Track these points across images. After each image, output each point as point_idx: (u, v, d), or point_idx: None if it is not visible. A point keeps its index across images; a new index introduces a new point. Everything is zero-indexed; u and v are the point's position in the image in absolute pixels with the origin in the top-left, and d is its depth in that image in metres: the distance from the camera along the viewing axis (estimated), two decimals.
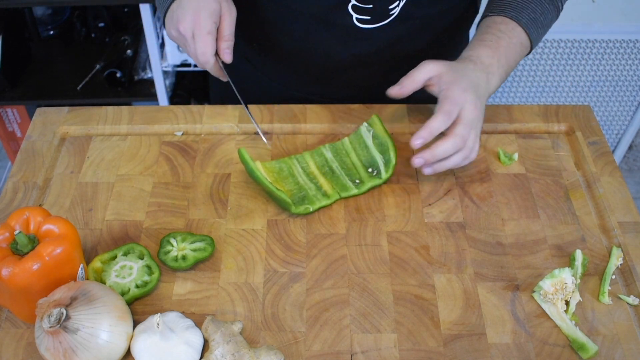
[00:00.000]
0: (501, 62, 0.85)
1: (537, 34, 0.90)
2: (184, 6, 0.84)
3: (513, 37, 0.87)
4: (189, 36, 0.84)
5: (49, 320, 0.62)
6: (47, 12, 2.05)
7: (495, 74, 0.85)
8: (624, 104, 1.99)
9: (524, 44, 0.88)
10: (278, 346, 0.70)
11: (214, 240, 0.78)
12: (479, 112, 0.82)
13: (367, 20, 0.91)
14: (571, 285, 0.74)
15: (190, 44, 0.85)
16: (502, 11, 0.89)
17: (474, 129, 0.81)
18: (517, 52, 0.87)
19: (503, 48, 0.86)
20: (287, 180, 0.86)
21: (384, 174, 0.86)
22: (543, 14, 0.89)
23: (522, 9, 0.88)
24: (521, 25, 0.88)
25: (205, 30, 0.84)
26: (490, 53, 0.85)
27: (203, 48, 0.84)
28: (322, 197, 0.84)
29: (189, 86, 2.08)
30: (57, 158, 0.90)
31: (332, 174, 0.87)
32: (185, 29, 0.84)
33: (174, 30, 0.86)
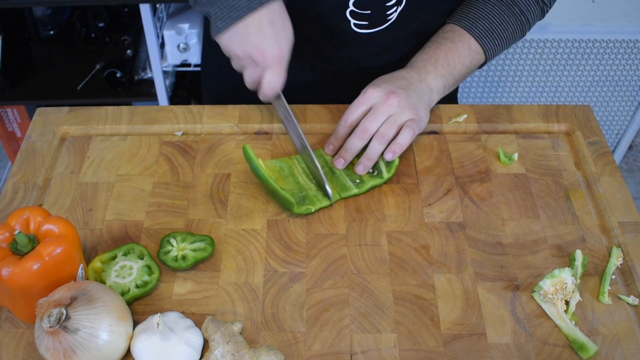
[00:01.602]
0: (438, 63, 0.89)
1: (493, 45, 0.92)
2: (265, 32, 0.79)
3: (457, 41, 0.90)
4: (262, 65, 0.81)
5: (49, 320, 0.62)
6: (47, 12, 2.05)
7: (431, 73, 0.88)
8: (624, 104, 1.99)
9: (472, 48, 0.91)
10: (278, 346, 0.70)
11: (214, 240, 0.78)
12: (397, 99, 0.83)
13: (364, 25, 0.92)
14: (571, 285, 0.74)
15: (257, 72, 0.82)
16: (457, 20, 0.93)
17: (387, 116, 0.83)
18: (462, 55, 0.90)
19: (442, 52, 0.90)
20: (288, 179, 0.86)
21: (385, 174, 0.86)
22: (501, 25, 0.92)
23: (477, 19, 0.92)
24: (473, 34, 0.91)
25: (285, 67, 0.82)
26: (425, 57, 0.90)
27: (277, 83, 0.82)
28: (323, 198, 0.84)
29: (189, 86, 2.07)
30: (57, 158, 0.90)
31: (332, 174, 0.87)
32: (264, 59, 0.80)
33: (243, 53, 0.80)
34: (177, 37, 1.78)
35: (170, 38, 1.78)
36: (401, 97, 0.83)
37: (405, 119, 0.84)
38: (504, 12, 0.92)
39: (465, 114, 0.95)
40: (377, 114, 0.83)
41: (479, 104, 0.98)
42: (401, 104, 0.83)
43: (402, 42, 0.97)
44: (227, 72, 1.06)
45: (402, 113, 0.83)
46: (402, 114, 0.83)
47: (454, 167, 0.89)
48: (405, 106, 0.83)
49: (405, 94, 0.84)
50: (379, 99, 0.84)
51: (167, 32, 1.78)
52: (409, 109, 0.84)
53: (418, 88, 0.86)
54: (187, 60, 1.84)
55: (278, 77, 0.82)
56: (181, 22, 1.79)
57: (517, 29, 0.93)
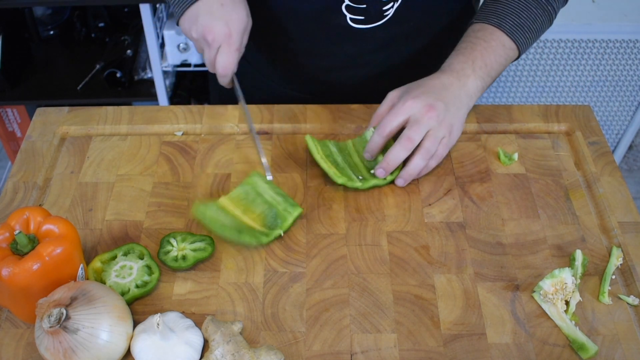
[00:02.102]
0: (477, 65, 0.87)
1: (525, 38, 0.90)
2: (213, 12, 0.82)
3: (491, 40, 0.88)
4: (214, 46, 0.83)
5: (49, 320, 0.62)
6: (47, 12, 2.05)
7: (470, 77, 0.86)
8: (624, 104, 1.99)
9: (506, 46, 0.89)
10: (278, 346, 0.70)
11: (214, 240, 0.78)
12: (436, 113, 0.81)
13: (361, 20, 0.92)
14: (571, 285, 0.74)
15: (211, 52, 0.84)
16: (486, 18, 0.91)
17: (427, 129, 0.82)
18: (498, 54, 0.88)
19: (478, 52, 0.87)
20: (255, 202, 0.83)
21: (388, 176, 0.86)
22: (530, 18, 0.90)
23: (506, 15, 0.90)
24: (504, 31, 0.89)
25: (235, 47, 0.83)
26: (462, 59, 0.87)
27: (227, 62, 0.84)
28: (292, 208, 0.82)
29: (189, 86, 2.08)
30: (57, 158, 0.90)
31: (337, 166, 0.86)
32: (214, 38, 0.82)
33: (196, 33, 0.84)
34: (177, 37, 1.78)
35: (170, 38, 1.78)
36: (440, 111, 0.82)
37: (442, 134, 0.83)
38: (530, 4, 0.90)
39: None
40: (419, 124, 0.81)
41: (479, 104, 0.98)
42: (439, 117, 0.82)
43: (400, 40, 0.97)
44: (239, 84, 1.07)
45: (440, 128, 0.82)
46: (440, 128, 0.82)
47: (454, 167, 0.89)
48: (443, 120, 0.82)
49: (444, 107, 0.82)
50: (419, 111, 0.82)
51: (167, 32, 1.78)
52: (446, 124, 0.83)
53: (457, 98, 0.85)
54: (187, 60, 1.84)
55: (228, 56, 0.83)
56: None
57: (545, 19, 0.92)
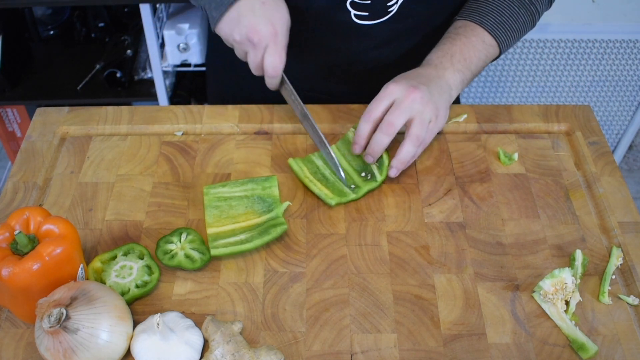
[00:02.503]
0: (455, 59, 0.88)
1: (506, 36, 0.91)
2: (256, 12, 0.80)
3: (471, 36, 0.90)
4: (261, 46, 0.82)
5: (49, 320, 0.62)
6: (47, 12, 2.05)
7: (448, 69, 0.87)
8: (624, 104, 1.99)
9: (486, 42, 0.90)
10: (278, 346, 0.70)
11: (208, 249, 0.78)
12: (420, 95, 0.81)
13: (365, 16, 0.92)
14: (571, 285, 0.74)
15: (257, 54, 0.83)
16: (468, 15, 0.92)
17: (410, 112, 0.82)
18: (477, 49, 0.89)
19: (457, 47, 0.88)
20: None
21: (378, 177, 0.86)
22: (512, 17, 0.91)
23: (487, 13, 0.91)
24: (485, 28, 0.90)
25: (282, 45, 0.82)
26: (440, 54, 0.89)
27: (276, 63, 0.83)
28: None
29: (189, 86, 2.07)
30: (57, 158, 0.90)
31: (327, 181, 0.86)
32: (260, 39, 0.81)
33: (239, 35, 0.82)
34: (177, 37, 1.78)
35: (170, 38, 1.78)
36: (423, 92, 0.82)
37: (429, 117, 0.83)
38: (513, 3, 0.91)
39: (465, 114, 0.95)
40: (401, 108, 0.81)
41: (479, 104, 0.98)
42: (424, 99, 0.82)
43: (404, 36, 0.97)
44: (231, 71, 1.06)
45: (425, 110, 0.82)
46: (425, 111, 0.82)
47: (454, 167, 0.89)
48: (427, 102, 0.82)
49: (427, 89, 0.83)
50: (401, 94, 0.82)
51: (167, 32, 1.78)
52: (431, 105, 0.82)
53: (438, 84, 0.85)
54: (187, 60, 1.84)
55: (277, 56, 0.82)
56: (181, 22, 1.79)
57: (527, 19, 0.93)
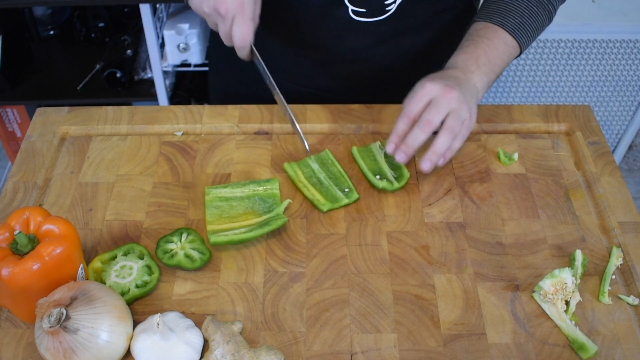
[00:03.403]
0: (480, 61, 0.88)
1: (526, 37, 0.91)
2: None
3: (494, 38, 0.89)
4: (228, 17, 0.83)
5: (49, 320, 0.62)
6: (47, 12, 2.05)
7: (475, 72, 0.87)
8: (624, 104, 1.99)
9: (508, 43, 0.90)
10: (278, 346, 0.70)
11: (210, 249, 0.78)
12: (456, 94, 0.81)
13: (363, 13, 0.92)
14: (571, 285, 0.74)
15: (226, 25, 0.84)
16: (488, 17, 0.92)
17: (448, 110, 0.81)
18: (501, 51, 0.89)
19: (482, 50, 0.88)
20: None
21: (395, 184, 0.86)
22: (531, 17, 0.91)
23: (507, 13, 0.91)
24: (506, 29, 0.90)
25: (249, 16, 0.83)
26: (465, 57, 0.88)
27: (244, 33, 0.83)
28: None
29: (189, 86, 2.08)
30: (57, 158, 0.90)
31: (321, 185, 0.86)
32: (227, 10, 0.82)
33: (208, 8, 0.83)
34: (177, 37, 1.78)
35: (170, 38, 1.78)
36: (459, 92, 0.82)
37: (464, 117, 0.82)
38: (532, 3, 0.91)
39: None
40: (438, 106, 0.81)
41: (479, 104, 0.98)
42: (460, 98, 0.82)
43: (401, 36, 0.97)
44: (233, 70, 1.06)
45: (461, 109, 0.82)
46: (461, 109, 0.82)
47: (454, 167, 0.89)
48: (463, 101, 0.82)
49: (461, 90, 0.83)
50: (439, 92, 0.82)
51: (167, 32, 1.78)
52: (466, 105, 0.82)
53: (468, 87, 0.85)
54: (187, 60, 1.84)
55: (244, 27, 0.83)
56: (181, 22, 1.79)
57: (545, 17, 0.93)
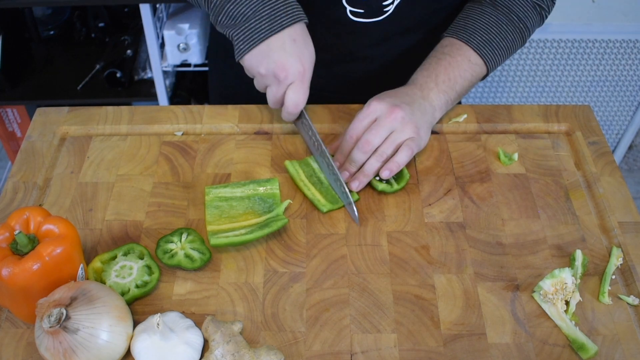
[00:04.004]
0: (439, 79, 0.88)
1: (493, 55, 0.91)
2: (287, 49, 0.80)
3: (456, 55, 0.89)
4: (286, 83, 0.81)
5: (49, 320, 0.62)
6: (47, 12, 2.05)
7: (433, 90, 0.87)
8: (624, 104, 1.99)
9: (472, 61, 0.90)
10: (278, 346, 0.70)
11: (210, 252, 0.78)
12: (401, 114, 0.82)
13: (360, 13, 0.92)
14: (571, 285, 0.74)
15: (280, 89, 0.82)
16: (455, 33, 0.92)
17: (390, 131, 0.82)
18: (462, 69, 0.89)
19: (442, 67, 0.89)
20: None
21: (395, 186, 0.86)
22: (500, 35, 0.91)
23: (475, 31, 0.90)
24: (471, 46, 0.90)
25: (307, 83, 0.82)
26: (425, 74, 0.89)
27: (300, 100, 0.82)
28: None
29: (189, 86, 2.08)
30: (57, 158, 0.90)
31: (321, 185, 0.86)
32: (287, 76, 0.80)
33: (266, 70, 0.81)
34: (177, 37, 1.78)
35: (170, 38, 1.78)
36: (405, 112, 0.82)
37: (406, 137, 0.83)
38: (501, 21, 0.91)
39: (465, 114, 0.95)
40: (379, 127, 0.82)
41: (479, 104, 0.98)
42: (405, 119, 0.82)
43: (399, 36, 0.98)
44: (233, 71, 1.07)
45: (403, 130, 0.82)
46: (403, 131, 0.82)
47: (454, 167, 0.89)
48: (408, 122, 0.82)
49: (410, 109, 0.83)
50: (383, 112, 0.82)
51: (167, 32, 1.78)
52: (411, 125, 0.83)
53: (421, 105, 0.85)
54: (187, 60, 1.84)
55: (301, 94, 0.82)
56: (181, 22, 1.79)
57: (516, 37, 0.93)
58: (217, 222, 0.80)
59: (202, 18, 1.82)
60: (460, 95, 0.91)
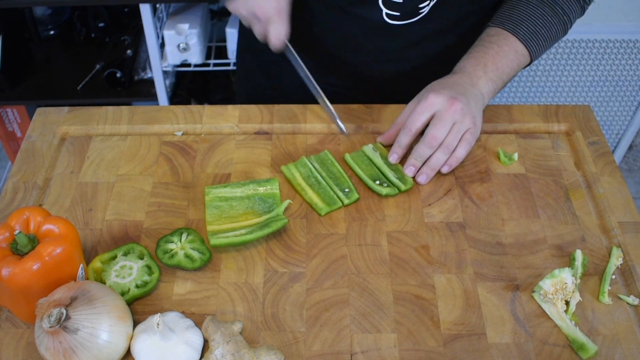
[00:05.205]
0: (488, 68, 0.88)
1: (538, 46, 0.92)
2: None
3: (504, 45, 0.90)
4: (265, 19, 0.88)
5: (49, 320, 0.62)
6: (47, 12, 2.05)
7: (482, 78, 0.88)
8: (624, 104, 1.99)
9: (518, 51, 0.90)
10: (278, 346, 0.70)
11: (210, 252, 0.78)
12: (460, 106, 0.83)
13: (396, 16, 0.92)
14: (571, 285, 0.74)
15: (262, 26, 0.89)
16: (501, 23, 0.92)
17: (452, 124, 0.84)
18: (509, 59, 0.90)
19: (490, 56, 0.89)
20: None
21: (402, 187, 0.85)
22: (545, 26, 0.91)
23: (521, 22, 0.91)
24: (518, 37, 0.90)
25: (285, 18, 0.88)
26: (473, 62, 0.89)
27: (279, 33, 0.88)
28: None
29: (189, 86, 2.08)
30: (57, 158, 0.90)
31: (319, 185, 0.86)
32: (264, 13, 0.87)
33: (246, 11, 0.88)
34: (177, 37, 1.78)
35: (170, 38, 1.78)
36: (463, 103, 0.84)
37: (466, 127, 0.84)
38: (546, 12, 0.91)
39: None
40: (443, 121, 0.83)
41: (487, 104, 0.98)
42: (464, 110, 0.83)
43: (433, 38, 0.98)
44: (261, 70, 1.09)
45: (463, 121, 0.84)
46: (464, 122, 0.84)
47: None
48: (467, 113, 0.84)
49: (466, 100, 0.84)
50: (443, 106, 0.84)
51: (167, 32, 1.78)
52: (470, 116, 0.84)
53: (473, 94, 0.86)
54: (187, 60, 1.84)
55: (281, 28, 0.88)
56: (181, 22, 1.79)
57: (559, 28, 0.93)
58: (217, 222, 0.81)
59: (202, 18, 1.82)
60: (505, 84, 0.92)
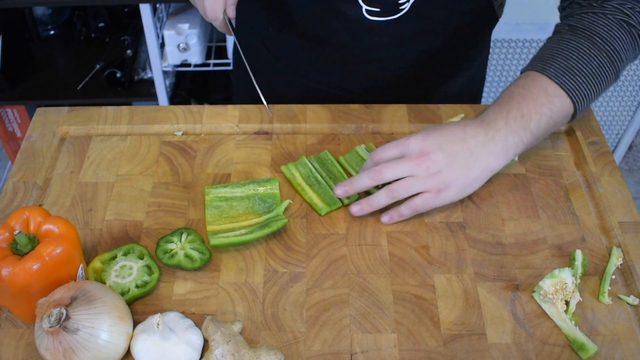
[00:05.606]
0: (511, 116, 0.79)
1: (576, 83, 0.81)
2: None
3: (532, 87, 0.81)
4: None
5: (49, 320, 0.62)
6: (47, 12, 2.05)
7: (501, 130, 0.79)
8: (624, 104, 1.99)
9: (550, 92, 0.80)
10: (278, 346, 0.70)
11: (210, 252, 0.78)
12: (429, 165, 0.77)
13: (376, 12, 0.91)
14: (571, 285, 0.74)
15: (200, 2, 0.86)
16: (530, 65, 0.84)
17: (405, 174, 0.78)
18: (539, 103, 0.80)
19: (515, 101, 0.80)
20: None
21: None
22: (582, 60, 0.81)
23: (551, 58, 0.82)
24: (548, 75, 0.81)
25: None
26: (497, 109, 0.81)
27: (213, 5, 0.85)
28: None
29: (189, 86, 2.08)
30: (57, 158, 0.90)
31: (318, 185, 0.86)
32: None
33: None
34: (177, 37, 1.78)
35: (170, 38, 1.78)
36: (437, 164, 0.77)
37: (423, 189, 0.78)
38: (582, 45, 0.81)
39: (462, 114, 0.95)
40: (399, 164, 0.78)
41: (479, 104, 0.98)
42: (430, 170, 0.77)
43: (417, 37, 0.96)
44: (260, 72, 1.09)
45: (424, 181, 0.78)
46: (424, 182, 0.78)
47: None
48: (434, 175, 0.77)
49: (447, 161, 0.77)
50: (414, 153, 0.78)
51: (167, 32, 1.78)
52: (438, 179, 0.78)
53: (472, 156, 0.78)
54: (187, 60, 1.84)
55: (215, 3, 0.85)
56: (181, 22, 1.79)
57: (603, 61, 0.82)
58: (217, 222, 0.81)
59: (202, 18, 1.82)
60: (538, 136, 0.81)
